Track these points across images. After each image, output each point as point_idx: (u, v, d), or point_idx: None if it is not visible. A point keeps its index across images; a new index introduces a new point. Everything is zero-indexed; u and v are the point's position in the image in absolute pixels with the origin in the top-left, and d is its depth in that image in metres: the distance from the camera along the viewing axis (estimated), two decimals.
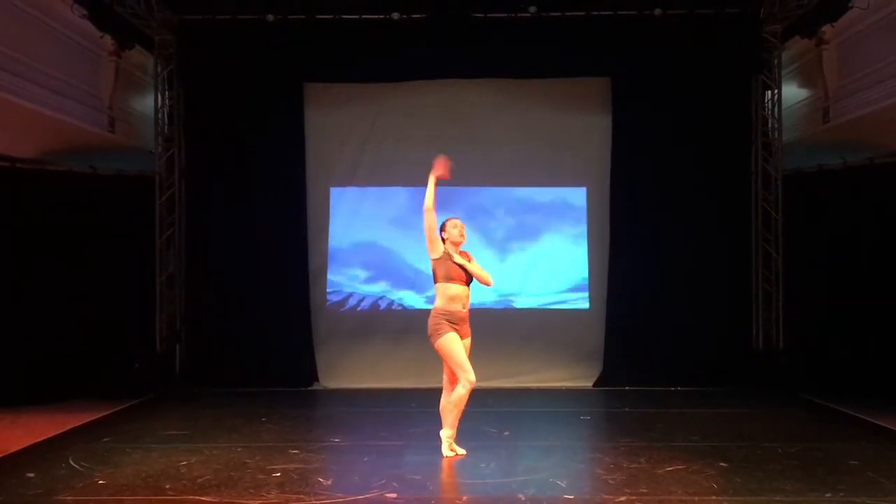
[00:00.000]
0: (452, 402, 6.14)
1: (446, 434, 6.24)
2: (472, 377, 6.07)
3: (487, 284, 6.35)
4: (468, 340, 6.27)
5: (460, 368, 6.06)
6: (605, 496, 5.11)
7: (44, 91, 8.47)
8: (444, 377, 6.28)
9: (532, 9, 9.68)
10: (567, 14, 9.83)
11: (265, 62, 10.00)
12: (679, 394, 9.60)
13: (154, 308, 10.06)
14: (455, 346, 6.09)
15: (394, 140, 10.40)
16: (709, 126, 9.98)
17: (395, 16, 9.76)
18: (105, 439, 6.94)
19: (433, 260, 6.25)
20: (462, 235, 6.32)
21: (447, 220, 6.36)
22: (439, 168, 6.35)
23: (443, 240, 6.28)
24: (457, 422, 6.22)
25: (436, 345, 6.18)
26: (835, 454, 6.24)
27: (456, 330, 6.13)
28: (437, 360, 6.41)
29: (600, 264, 10.27)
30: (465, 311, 6.23)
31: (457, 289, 6.18)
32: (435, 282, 6.26)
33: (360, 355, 10.23)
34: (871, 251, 9.36)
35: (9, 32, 7.95)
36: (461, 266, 6.21)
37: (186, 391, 9.71)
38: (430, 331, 6.19)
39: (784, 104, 10.17)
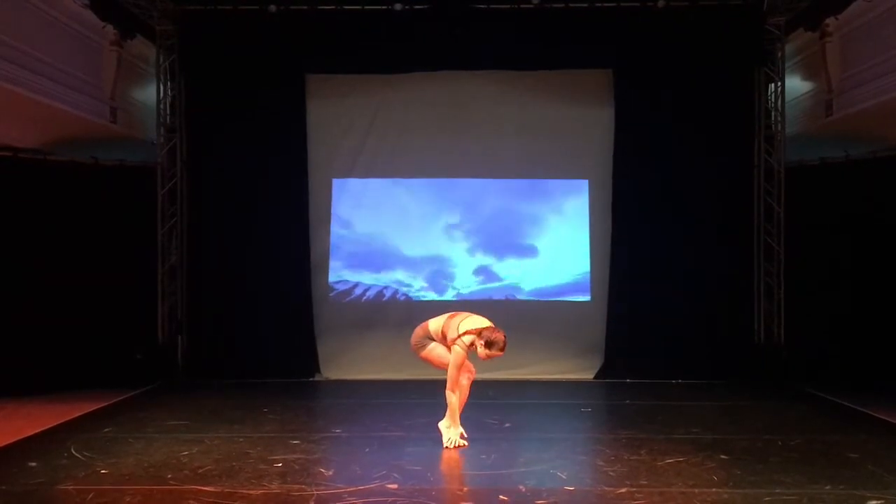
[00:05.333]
0: (453, 395, 6.17)
1: (445, 425, 6.26)
2: (471, 367, 6.11)
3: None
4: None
5: (455, 367, 6.11)
6: (606, 488, 5.13)
7: (45, 81, 8.45)
8: None
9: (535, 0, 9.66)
10: (570, 5, 9.80)
11: (267, 53, 9.97)
12: (680, 386, 9.61)
13: (156, 298, 10.06)
14: (438, 350, 6.24)
15: (396, 131, 10.38)
16: (711, 118, 9.95)
17: (398, 6, 9.72)
18: (107, 429, 6.96)
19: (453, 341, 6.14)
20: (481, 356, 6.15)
21: (497, 350, 6.10)
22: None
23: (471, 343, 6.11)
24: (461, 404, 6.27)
25: (420, 356, 6.38)
26: (835, 447, 6.26)
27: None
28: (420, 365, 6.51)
29: (602, 257, 10.26)
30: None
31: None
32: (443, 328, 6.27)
33: (362, 347, 10.23)
34: (873, 245, 9.35)
35: (10, 22, 7.93)
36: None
37: (188, 381, 9.74)
38: (412, 341, 6.40)
39: (787, 97, 10.13)
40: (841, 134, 9.65)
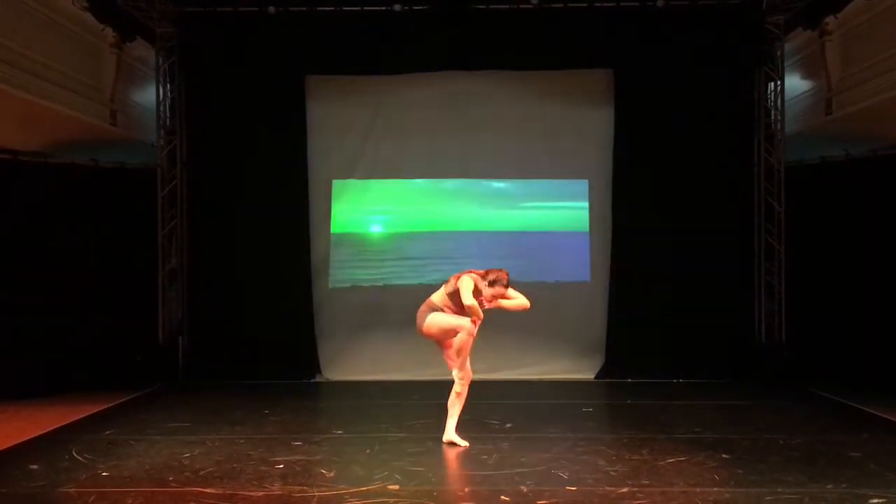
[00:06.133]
0: (454, 350, 6.15)
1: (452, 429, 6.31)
2: (467, 323, 6.02)
3: (524, 309, 6.33)
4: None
5: (456, 324, 6.07)
6: (608, 488, 5.12)
7: (45, 84, 8.46)
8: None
9: (534, 0, 9.66)
10: (569, 5, 9.79)
11: (266, 54, 9.98)
12: (681, 386, 9.60)
13: (156, 300, 10.06)
14: (438, 318, 6.15)
15: (395, 132, 10.38)
16: (711, 118, 9.94)
17: (397, 7, 9.72)
18: (108, 431, 6.96)
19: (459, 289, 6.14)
20: (490, 303, 6.18)
21: (500, 286, 6.15)
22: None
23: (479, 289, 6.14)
24: (461, 405, 6.30)
25: (424, 328, 6.24)
26: (837, 446, 6.25)
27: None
28: (439, 351, 6.46)
29: (602, 257, 10.26)
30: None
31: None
32: (447, 292, 6.25)
33: (363, 347, 10.23)
34: (873, 243, 9.35)
35: (9, 25, 7.94)
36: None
37: (189, 383, 9.72)
38: (417, 321, 6.28)
39: (787, 96, 10.13)
40: (841, 132, 9.65)
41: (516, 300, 6.30)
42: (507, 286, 6.17)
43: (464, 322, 6.07)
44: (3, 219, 9.04)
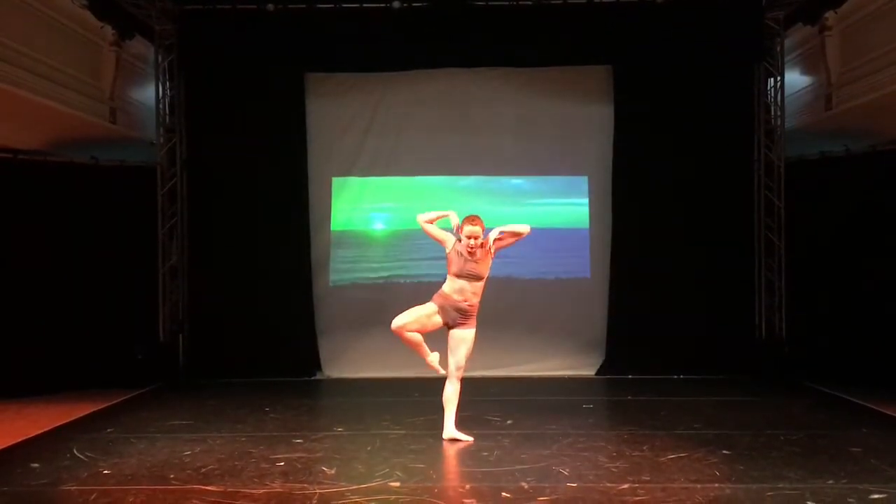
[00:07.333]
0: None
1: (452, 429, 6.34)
2: (396, 322, 6.23)
3: (524, 234, 6.49)
4: (463, 332, 6.31)
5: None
6: (608, 484, 5.13)
7: (44, 82, 8.44)
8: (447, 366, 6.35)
9: None
10: (569, 2, 9.80)
11: (266, 52, 9.96)
12: (681, 382, 9.61)
13: (157, 298, 10.06)
14: (418, 307, 6.28)
15: (395, 129, 10.38)
16: (711, 113, 9.95)
17: (396, 4, 9.72)
18: (109, 430, 6.97)
19: (446, 252, 6.34)
20: (472, 248, 6.26)
21: (466, 224, 6.33)
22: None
23: (459, 239, 6.31)
24: (456, 401, 6.34)
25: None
26: (837, 442, 6.26)
27: (442, 309, 6.26)
28: (439, 350, 6.47)
29: (602, 254, 10.26)
30: (464, 303, 6.28)
31: (462, 283, 6.29)
32: (447, 270, 6.34)
33: (364, 345, 10.20)
34: (873, 239, 9.34)
35: (8, 23, 7.93)
36: (477, 262, 6.28)
37: (190, 381, 9.74)
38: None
39: (787, 91, 10.12)
40: (841, 128, 9.64)
41: (511, 227, 6.43)
42: (475, 223, 6.29)
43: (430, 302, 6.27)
44: (2, 218, 9.03)
